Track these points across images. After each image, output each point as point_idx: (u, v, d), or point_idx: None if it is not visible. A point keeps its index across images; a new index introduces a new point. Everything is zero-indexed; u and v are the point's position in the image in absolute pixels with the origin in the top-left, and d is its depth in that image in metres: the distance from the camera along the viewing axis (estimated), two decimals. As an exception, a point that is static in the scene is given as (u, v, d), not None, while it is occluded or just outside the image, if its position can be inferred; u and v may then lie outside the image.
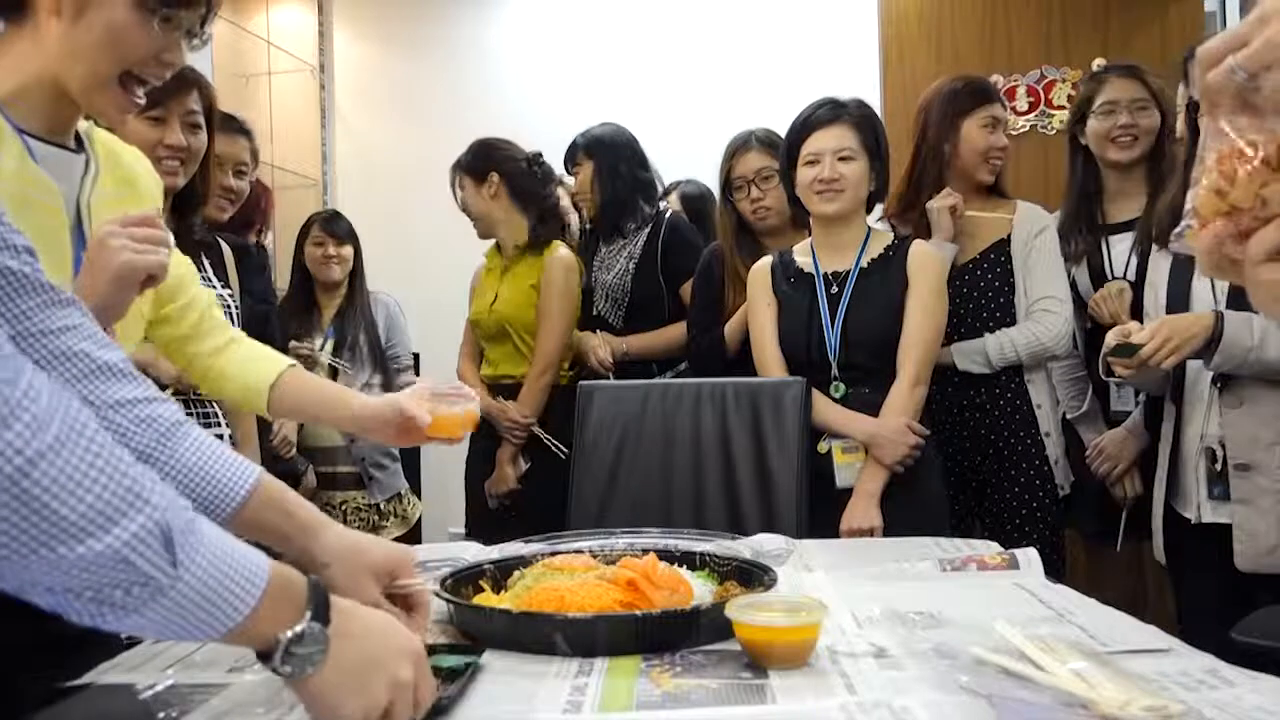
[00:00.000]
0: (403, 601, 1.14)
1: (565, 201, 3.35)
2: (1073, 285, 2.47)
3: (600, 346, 2.88)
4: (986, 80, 2.55)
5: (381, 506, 3.24)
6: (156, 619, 0.72)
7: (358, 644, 0.82)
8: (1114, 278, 2.46)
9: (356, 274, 3.35)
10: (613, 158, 2.93)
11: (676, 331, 2.81)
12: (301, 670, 0.78)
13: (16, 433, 0.64)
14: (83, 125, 1.29)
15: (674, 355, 2.85)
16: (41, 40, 1.17)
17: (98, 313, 1.12)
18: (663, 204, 3.09)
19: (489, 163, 2.89)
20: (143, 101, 1.22)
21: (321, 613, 0.79)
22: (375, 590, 1.12)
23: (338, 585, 1.08)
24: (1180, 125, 2.22)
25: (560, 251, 2.86)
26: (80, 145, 1.27)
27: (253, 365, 1.50)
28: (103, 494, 0.68)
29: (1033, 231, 2.39)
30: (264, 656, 0.78)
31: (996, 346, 2.33)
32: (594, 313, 2.96)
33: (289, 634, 0.77)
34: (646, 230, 2.91)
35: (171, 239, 1.19)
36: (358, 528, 3.08)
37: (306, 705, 0.81)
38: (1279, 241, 0.72)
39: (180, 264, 1.46)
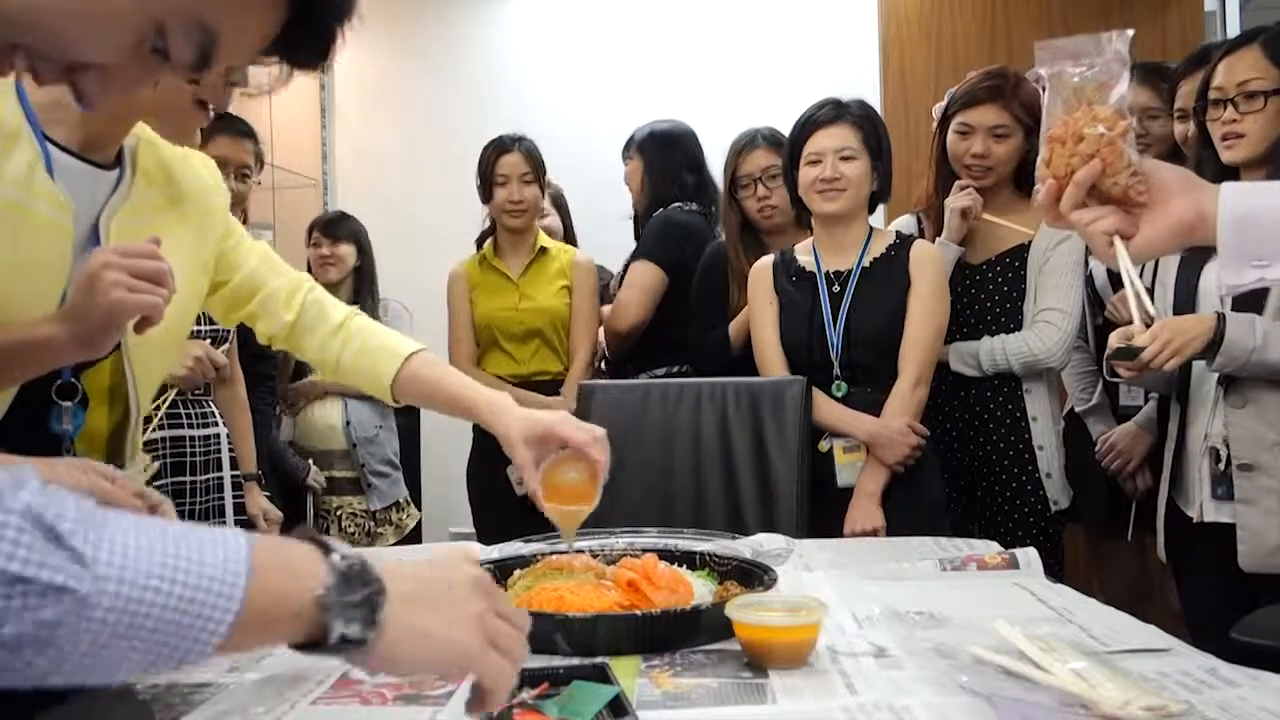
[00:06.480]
0: None
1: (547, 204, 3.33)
2: (1090, 281, 2.44)
3: None
4: (977, 84, 2.32)
5: (378, 514, 3.14)
6: (108, 644, 0.55)
7: (409, 585, 0.67)
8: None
9: (363, 276, 3.23)
10: (663, 157, 2.93)
11: None
12: (365, 631, 0.63)
13: None
14: (130, 140, 1.22)
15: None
16: None
17: (80, 344, 1.06)
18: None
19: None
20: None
21: (357, 572, 0.64)
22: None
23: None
24: (1187, 126, 2.22)
25: (583, 256, 2.99)
26: (119, 160, 1.20)
27: (370, 359, 1.44)
28: None
29: (1055, 240, 2.28)
30: (312, 645, 0.63)
31: (989, 351, 2.27)
32: None
33: (321, 591, 0.61)
34: None
35: (174, 279, 1.08)
36: (352, 535, 3.09)
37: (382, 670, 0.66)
38: (1077, 197, 1.02)
39: (251, 255, 1.41)
